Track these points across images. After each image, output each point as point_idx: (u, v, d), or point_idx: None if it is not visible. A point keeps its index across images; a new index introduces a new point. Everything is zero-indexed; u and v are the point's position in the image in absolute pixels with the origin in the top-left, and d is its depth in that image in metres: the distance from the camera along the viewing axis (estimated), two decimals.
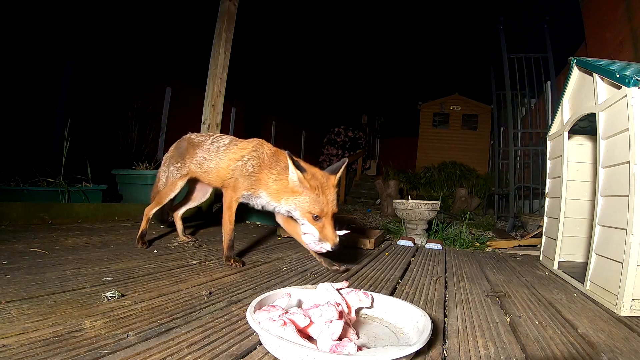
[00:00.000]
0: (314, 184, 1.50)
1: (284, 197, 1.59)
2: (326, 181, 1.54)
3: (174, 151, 2.15)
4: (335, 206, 1.54)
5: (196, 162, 1.98)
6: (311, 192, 1.50)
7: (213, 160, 1.90)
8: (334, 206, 1.53)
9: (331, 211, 1.51)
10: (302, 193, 1.52)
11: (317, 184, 1.51)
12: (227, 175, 1.80)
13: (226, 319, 1.07)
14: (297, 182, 1.51)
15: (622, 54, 3.78)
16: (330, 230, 1.51)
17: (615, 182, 1.55)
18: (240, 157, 1.78)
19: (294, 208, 1.57)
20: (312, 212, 1.50)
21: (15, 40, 5.11)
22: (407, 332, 1.04)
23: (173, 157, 2.12)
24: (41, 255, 1.65)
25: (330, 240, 1.50)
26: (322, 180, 1.53)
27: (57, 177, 3.30)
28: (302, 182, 1.50)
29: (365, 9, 7.94)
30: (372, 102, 13.23)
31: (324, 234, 1.51)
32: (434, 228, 3.73)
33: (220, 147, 1.92)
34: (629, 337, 1.15)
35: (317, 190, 1.49)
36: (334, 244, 1.50)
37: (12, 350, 0.77)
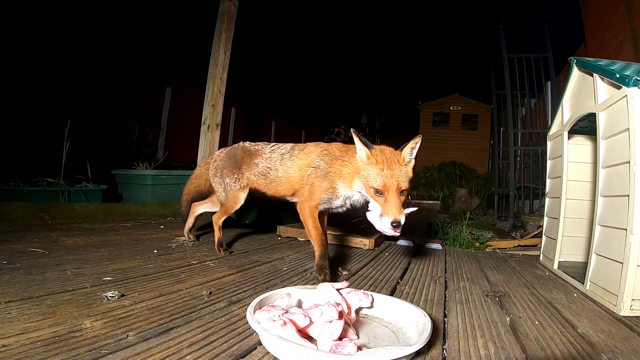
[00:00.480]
0: (380, 158, 1.45)
1: (355, 179, 1.54)
2: (393, 157, 1.46)
3: (226, 160, 2.03)
4: (403, 181, 1.43)
5: (258, 173, 1.91)
6: (376, 166, 1.44)
7: (280, 170, 1.83)
8: (400, 181, 1.42)
9: (396, 186, 1.41)
10: (368, 168, 1.47)
11: (383, 158, 1.45)
12: (299, 182, 1.75)
13: (226, 319, 1.07)
14: (365, 158, 1.47)
15: (622, 54, 3.78)
16: (393, 204, 1.39)
17: (615, 182, 1.55)
18: (311, 160, 1.73)
19: (361, 187, 1.51)
20: (374, 187, 1.43)
21: (16, 40, 5.11)
22: (407, 332, 1.04)
23: (226, 167, 2.01)
24: (41, 255, 1.65)
25: (391, 214, 1.37)
26: (389, 155, 1.46)
27: (57, 177, 3.30)
28: (368, 158, 1.46)
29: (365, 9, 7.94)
30: (372, 102, 13.23)
31: (385, 208, 1.40)
32: (434, 228, 3.72)
33: (284, 154, 1.85)
34: (629, 337, 1.15)
35: (381, 164, 1.43)
36: (394, 219, 1.36)
37: (12, 350, 0.77)
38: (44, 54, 5.55)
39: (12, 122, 4.93)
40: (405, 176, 1.46)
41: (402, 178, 1.44)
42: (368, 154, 1.47)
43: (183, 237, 2.35)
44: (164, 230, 2.71)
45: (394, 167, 1.43)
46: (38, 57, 5.48)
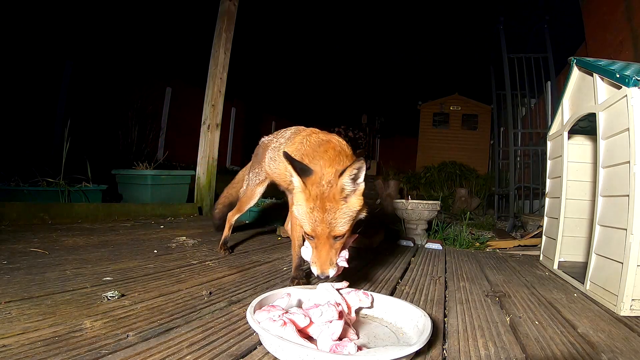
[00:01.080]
0: (314, 192, 1.14)
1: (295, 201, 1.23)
2: (330, 191, 1.14)
3: (253, 158, 2.01)
4: (338, 226, 1.14)
5: (267, 165, 1.80)
6: (306, 203, 1.15)
7: (277, 160, 1.67)
8: (334, 227, 1.14)
9: (327, 233, 1.14)
10: (298, 201, 1.19)
11: (317, 192, 1.14)
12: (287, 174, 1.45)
13: (226, 319, 1.07)
14: (299, 188, 1.18)
15: (622, 54, 3.78)
16: (322, 255, 1.15)
17: (615, 182, 1.55)
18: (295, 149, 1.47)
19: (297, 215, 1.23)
20: (303, 229, 1.19)
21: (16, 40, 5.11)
22: (407, 332, 1.04)
23: (253, 163, 1.99)
24: (41, 255, 1.65)
25: (318, 267, 1.15)
26: (325, 189, 1.14)
27: (57, 177, 3.30)
28: (302, 191, 1.17)
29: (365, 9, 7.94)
30: (372, 102, 13.23)
31: (314, 256, 1.18)
32: (434, 228, 3.72)
33: (282, 143, 1.68)
34: (629, 337, 1.15)
35: (312, 202, 1.14)
36: (321, 271, 1.14)
37: (12, 350, 0.77)
38: (44, 54, 5.55)
39: (12, 122, 4.93)
40: (342, 218, 1.15)
41: (337, 222, 1.14)
42: (301, 184, 1.16)
43: (183, 237, 2.34)
44: (164, 230, 2.71)
45: (327, 208, 1.13)
46: (38, 57, 5.48)
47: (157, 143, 7.30)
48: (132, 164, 4.20)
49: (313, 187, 1.14)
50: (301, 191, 1.17)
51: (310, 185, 1.15)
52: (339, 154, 1.30)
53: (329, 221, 1.13)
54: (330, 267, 1.15)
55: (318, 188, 1.14)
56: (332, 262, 1.16)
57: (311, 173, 1.17)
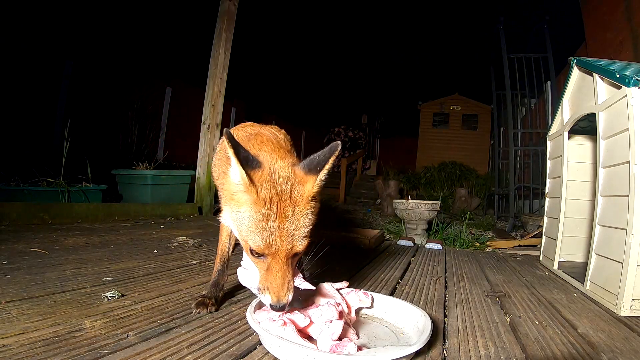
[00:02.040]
0: (265, 192, 0.83)
1: (227, 204, 0.94)
2: (292, 190, 0.85)
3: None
4: (300, 240, 0.86)
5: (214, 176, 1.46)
6: (255, 206, 0.83)
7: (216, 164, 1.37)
8: (296, 241, 0.85)
9: (287, 250, 0.84)
10: (242, 204, 0.86)
11: (272, 192, 0.83)
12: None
13: (226, 319, 1.07)
14: (241, 185, 0.85)
15: (622, 54, 3.78)
16: (278, 279, 0.85)
17: (615, 182, 1.55)
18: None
19: (233, 226, 0.92)
20: (250, 246, 0.86)
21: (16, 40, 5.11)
22: (407, 332, 1.04)
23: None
24: (41, 255, 1.65)
25: (273, 294, 0.85)
26: (284, 186, 0.84)
27: (57, 177, 3.30)
28: (245, 186, 0.84)
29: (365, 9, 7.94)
30: (372, 102, 13.23)
31: (266, 280, 0.86)
32: (434, 228, 3.72)
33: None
34: (629, 337, 1.15)
35: (267, 205, 0.82)
36: (277, 300, 0.84)
37: (12, 350, 0.77)
38: (44, 54, 5.55)
39: (13, 122, 4.93)
40: (307, 227, 0.87)
41: (301, 234, 0.86)
42: (245, 180, 0.83)
43: (183, 237, 2.34)
44: (164, 230, 2.71)
45: (289, 215, 0.83)
46: (38, 57, 5.48)
47: (157, 143, 7.30)
48: (132, 164, 4.20)
49: (264, 186, 0.83)
50: (244, 190, 0.84)
51: (259, 182, 0.84)
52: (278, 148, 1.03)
53: (291, 233, 0.84)
54: (287, 294, 0.86)
55: (272, 187, 0.84)
56: (291, 286, 0.87)
57: (258, 166, 0.86)
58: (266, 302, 0.87)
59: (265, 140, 1.06)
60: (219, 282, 1.23)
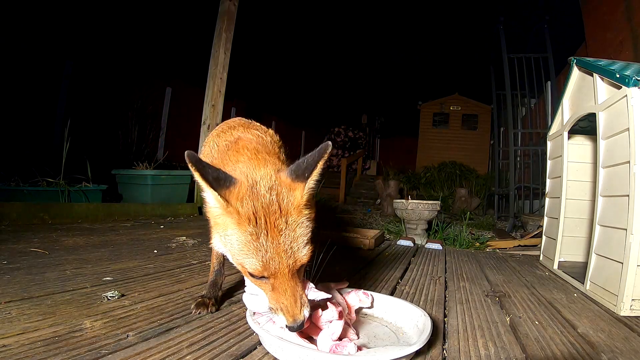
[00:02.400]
0: (247, 209, 0.75)
1: (214, 229, 0.86)
2: (279, 202, 0.77)
3: None
4: (300, 253, 0.79)
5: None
6: (240, 226, 0.76)
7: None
8: (295, 254, 0.78)
9: (290, 266, 0.77)
10: (228, 227, 0.78)
11: (257, 207, 0.75)
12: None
13: (226, 319, 1.07)
14: (219, 208, 0.79)
15: (622, 54, 3.78)
16: (288, 296, 0.78)
17: (615, 182, 1.55)
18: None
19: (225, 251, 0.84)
20: (248, 271, 0.79)
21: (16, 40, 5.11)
22: (407, 331, 1.04)
23: None
24: (41, 255, 1.65)
25: (287, 314, 0.78)
26: (268, 199, 0.76)
27: (57, 177, 3.30)
28: (223, 208, 0.77)
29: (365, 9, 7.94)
30: (372, 102, 13.23)
31: (274, 300, 0.80)
32: (434, 228, 3.72)
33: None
34: (629, 337, 1.15)
35: (253, 224, 0.75)
36: (293, 320, 0.77)
37: (12, 350, 0.77)
38: (44, 54, 5.55)
39: (12, 122, 4.93)
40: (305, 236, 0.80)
41: (300, 244, 0.79)
42: (220, 202, 0.76)
43: (183, 237, 2.35)
44: (164, 230, 2.71)
45: (282, 228, 0.76)
46: (38, 57, 5.48)
47: (157, 143, 7.30)
48: (132, 164, 4.20)
49: (244, 202, 0.75)
50: (224, 213, 0.77)
51: (237, 200, 0.76)
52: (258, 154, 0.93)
53: (289, 247, 0.76)
54: (303, 309, 0.79)
55: (256, 201, 0.76)
56: (304, 301, 0.80)
57: (232, 183, 0.77)
58: (281, 323, 0.80)
59: (242, 148, 0.96)
60: (217, 282, 1.21)
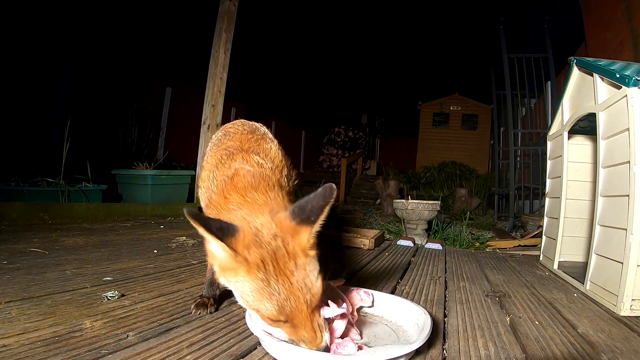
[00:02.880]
0: (254, 256, 0.74)
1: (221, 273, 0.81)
2: (285, 247, 0.76)
3: None
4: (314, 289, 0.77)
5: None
6: (249, 275, 0.74)
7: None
8: (312, 290, 0.76)
9: (306, 302, 0.75)
10: (238, 278, 0.76)
11: (261, 255, 0.74)
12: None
13: (226, 319, 1.07)
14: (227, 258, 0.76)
15: (622, 54, 3.78)
16: (309, 329, 0.77)
17: (615, 182, 1.55)
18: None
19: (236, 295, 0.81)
20: (264, 314, 0.77)
21: (16, 40, 5.11)
22: (407, 330, 1.04)
23: None
24: (41, 255, 1.65)
25: (311, 344, 0.77)
26: (273, 246, 0.75)
27: (57, 177, 3.30)
28: (232, 257, 0.75)
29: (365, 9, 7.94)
30: (372, 102, 13.22)
31: (296, 335, 0.78)
32: (434, 228, 3.72)
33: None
34: (629, 337, 1.15)
35: (262, 272, 0.74)
36: (317, 348, 0.77)
37: (12, 350, 0.77)
38: (44, 54, 5.55)
39: (12, 122, 4.93)
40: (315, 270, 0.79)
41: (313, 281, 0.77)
42: (229, 252, 0.74)
43: (183, 237, 2.35)
44: (164, 230, 2.71)
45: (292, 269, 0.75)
46: (38, 57, 5.48)
47: (157, 143, 7.30)
48: (132, 164, 4.20)
49: (251, 250, 0.74)
50: (233, 262, 0.75)
51: (244, 248, 0.74)
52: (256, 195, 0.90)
53: (304, 284, 0.74)
54: (324, 334, 0.79)
55: (261, 249, 0.74)
56: (322, 328, 0.80)
57: (236, 231, 0.76)
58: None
59: (240, 187, 0.92)
60: (214, 281, 1.17)
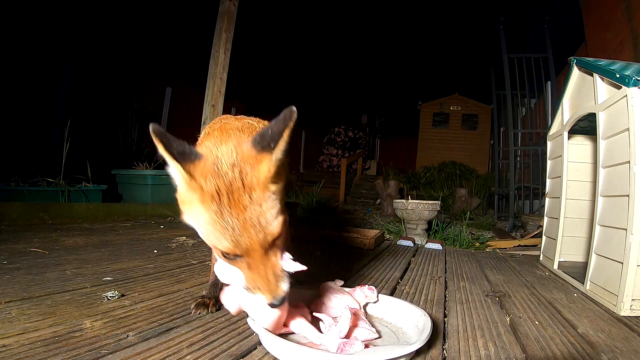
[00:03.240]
0: (210, 186, 0.71)
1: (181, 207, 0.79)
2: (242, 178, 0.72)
3: None
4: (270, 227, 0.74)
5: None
6: (204, 204, 0.72)
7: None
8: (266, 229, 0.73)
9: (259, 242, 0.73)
10: (193, 206, 0.74)
11: (217, 185, 0.71)
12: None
13: (226, 319, 1.07)
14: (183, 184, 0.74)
15: (622, 54, 3.77)
16: (263, 274, 0.75)
17: (615, 182, 1.55)
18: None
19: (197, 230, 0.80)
20: (219, 249, 0.77)
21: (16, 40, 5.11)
22: (407, 331, 1.04)
23: None
24: (41, 255, 1.65)
25: (267, 291, 0.76)
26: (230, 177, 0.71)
27: (57, 177, 3.30)
28: (187, 182, 0.72)
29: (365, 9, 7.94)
30: (372, 102, 13.21)
31: (250, 280, 0.77)
32: (434, 228, 3.72)
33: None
34: (629, 337, 1.15)
35: (217, 201, 0.71)
36: (273, 297, 0.75)
37: (12, 350, 0.77)
38: (44, 54, 5.55)
39: (12, 122, 4.93)
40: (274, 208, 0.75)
41: (269, 217, 0.74)
42: (184, 175, 0.71)
43: (183, 237, 2.35)
44: (164, 230, 2.71)
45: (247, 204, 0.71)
46: (38, 57, 5.48)
47: None
48: (132, 164, 4.20)
49: (207, 180, 0.71)
50: (188, 188, 0.72)
51: (201, 176, 0.71)
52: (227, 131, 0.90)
53: (258, 221, 0.72)
54: (282, 283, 0.77)
55: (218, 179, 0.71)
56: (281, 276, 0.77)
57: (197, 157, 0.72)
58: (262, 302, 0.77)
59: (217, 128, 0.93)
60: (217, 282, 1.20)
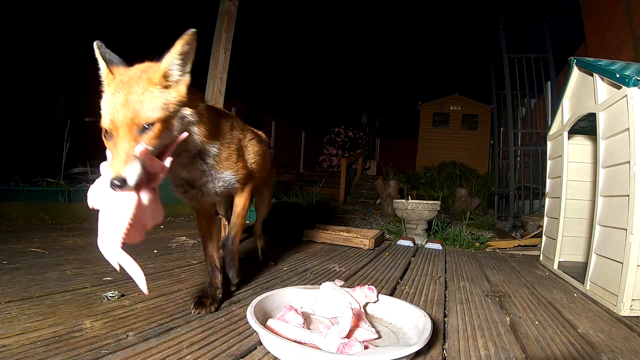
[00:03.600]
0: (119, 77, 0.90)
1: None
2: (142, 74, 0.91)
3: None
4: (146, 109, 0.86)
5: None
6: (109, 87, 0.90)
7: None
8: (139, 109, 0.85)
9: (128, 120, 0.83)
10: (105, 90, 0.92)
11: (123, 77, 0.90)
12: None
13: (226, 319, 1.07)
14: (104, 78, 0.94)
15: (622, 54, 3.77)
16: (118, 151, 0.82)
17: (615, 182, 1.55)
18: None
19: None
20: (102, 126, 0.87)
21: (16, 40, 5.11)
22: (407, 332, 1.04)
23: None
24: (41, 255, 1.65)
25: (112, 167, 0.80)
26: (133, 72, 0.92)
27: (57, 177, 3.30)
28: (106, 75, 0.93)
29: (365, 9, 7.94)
30: (372, 102, 13.21)
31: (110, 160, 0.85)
32: (434, 228, 3.72)
33: None
34: (629, 337, 1.15)
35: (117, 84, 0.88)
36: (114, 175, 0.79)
37: (12, 350, 0.77)
38: (44, 54, 5.55)
39: (12, 122, 4.93)
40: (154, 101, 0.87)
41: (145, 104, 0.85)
42: (105, 70, 0.93)
43: (183, 237, 2.35)
44: (164, 230, 2.71)
45: (133, 89, 0.86)
46: (38, 57, 5.48)
47: None
48: None
49: (118, 73, 0.92)
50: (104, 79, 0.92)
51: (117, 72, 0.92)
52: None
53: (133, 104, 0.84)
54: (126, 165, 0.80)
55: (127, 74, 0.91)
56: (130, 158, 0.81)
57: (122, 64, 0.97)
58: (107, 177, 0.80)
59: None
60: (213, 282, 1.25)
